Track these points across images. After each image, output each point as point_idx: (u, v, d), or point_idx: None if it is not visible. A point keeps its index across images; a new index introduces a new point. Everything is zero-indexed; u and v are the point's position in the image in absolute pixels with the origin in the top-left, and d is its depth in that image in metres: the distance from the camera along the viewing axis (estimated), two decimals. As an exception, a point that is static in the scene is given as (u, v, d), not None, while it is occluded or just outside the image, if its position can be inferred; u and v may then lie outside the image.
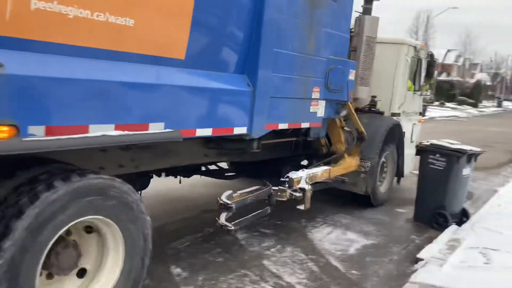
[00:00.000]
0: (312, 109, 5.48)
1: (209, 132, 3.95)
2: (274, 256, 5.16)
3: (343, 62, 5.71)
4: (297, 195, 5.24)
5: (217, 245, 5.28)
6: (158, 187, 6.21)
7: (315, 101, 5.48)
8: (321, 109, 5.65)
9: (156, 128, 3.40)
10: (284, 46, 4.69)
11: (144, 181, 4.95)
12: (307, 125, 5.53)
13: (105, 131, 3.02)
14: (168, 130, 3.48)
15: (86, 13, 2.84)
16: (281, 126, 4.98)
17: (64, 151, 2.87)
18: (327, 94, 5.63)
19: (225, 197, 4.62)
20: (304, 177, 5.43)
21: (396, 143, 7.59)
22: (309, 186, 5.39)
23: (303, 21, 4.92)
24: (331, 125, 6.31)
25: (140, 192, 4.57)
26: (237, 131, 4.27)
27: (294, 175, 5.37)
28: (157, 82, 3.39)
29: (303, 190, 5.29)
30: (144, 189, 4.98)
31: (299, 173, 5.49)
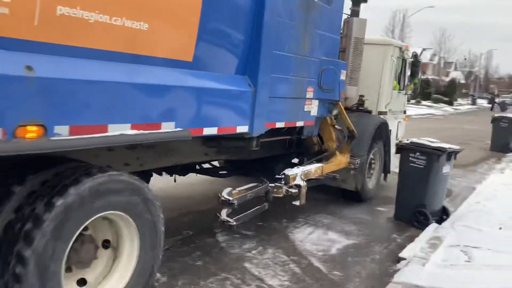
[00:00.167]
0: (306, 108, 5.67)
1: (214, 131, 4.09)
2: (255, 258, 5.08)
3: (335, 63, 5.91)
4: (292, 191, 5.45)
5: (197, 248, 5.15)
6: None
7: (309, 100, 5.67)
8: (314, 108, 5.85)
9: (167, 127, 3.54)
10: (281, 48, 4.87)
11: (145, 180, 5.06)
12: (302, 124, 5.72)
13: (123, 130, 3.16)
14: (178, 129, 3.63)
15: (105, 18, 2.97)
16: (279, 124, 5.16)
17: (73, 150, 2.97)
18: (320, 93, 5.82)
19: (226, 194, 4.79)
20: (299, 174, 5.63)
21: (383, 141, 7.84)
22: (304, 182, 5.59)
23: (298, 24, 5.11)
24: (323, 124, 6.50)
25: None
26: (240, 129, 4.43)
27: (290, 172, 5.57)
28: (168, 83, 3.53)
29: (298, 186, 5.50)
30: None
31: (295, 170, 5.68)
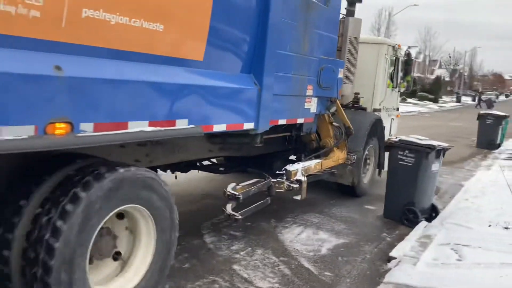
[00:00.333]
0: (306, 106, 5.85)
1: (223, 127, 4.24)
2: (244, 259, 4.97)
3: (333, 61, 6.10)
4: (294, 186, 5.61)
5: (184, 250, 4.98)
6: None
7: (308, 98, 5.85)
8: (313, 106, 6.03)
9: (181, 124, 3.68)
10: (284, 47, 5.03)
11: None
12: (302, 121, 5.90)
13: (141, 127, 3.30)
14: (191, 126, 3.78)
15: (125, 19, 3.11)
16: (281, 121, 5.33)
17: (91, 147, 3.09)
18: (319, 91, 6.00)
19: (231, 189, 4.94)
20: (300, 170, 5.80)
21: (378, 137, 8.05)
22: (305, 177, 5.77)
23: (299, 24, 5.28)
24: (321, 121, 6.67)
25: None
26: (246, 126, 4.58)
27: (291, 168, 5.74)
28: (182, 82, 3.68)
29: (299, 181, 5.67)
30: None
31: (295, 166, 5.86)
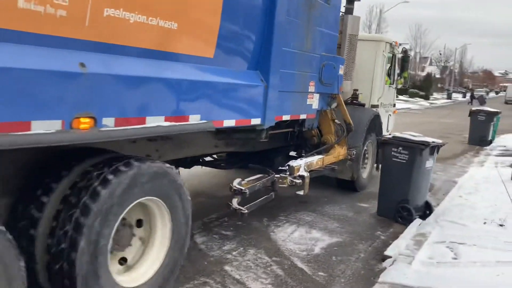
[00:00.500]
0: (308, 102, 5.98)
1: (232, 123, 4.36)
2: (236, 260, 4.89)
3: (334, 58, 6.23)
4: (297, 181, 5.73)
5: None
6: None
7: (311, 94, 5.98)
8: (315, 102, 6.16)
9: (194, 119, 3.80)
10: (289, 44, 5.15)
11: None
12: (305, 117, 6.03)
13: (158, 122, 3.41)
14: (203, 121, 3.89)
15: (143, 18, 3.21)
16: (285, 117, 5.45)
17: (110, 141, 3.22)
18: (321, 87, 6.13)
19: (237, 184, 5.06)
20: (303, 165, 5.93)
21: (376, 133, 8.20)
22: (308, 173, 5.90)
23: (303, 22, 5.41)
24: (323, 118, 6.81)
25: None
26: (253, 122, 4.70)
27: (294, 164, 5.86)
28: (194, 78, 3.79)
29: (302, 177, 5.79)
30: None
31: (298, 162, 5.99)
